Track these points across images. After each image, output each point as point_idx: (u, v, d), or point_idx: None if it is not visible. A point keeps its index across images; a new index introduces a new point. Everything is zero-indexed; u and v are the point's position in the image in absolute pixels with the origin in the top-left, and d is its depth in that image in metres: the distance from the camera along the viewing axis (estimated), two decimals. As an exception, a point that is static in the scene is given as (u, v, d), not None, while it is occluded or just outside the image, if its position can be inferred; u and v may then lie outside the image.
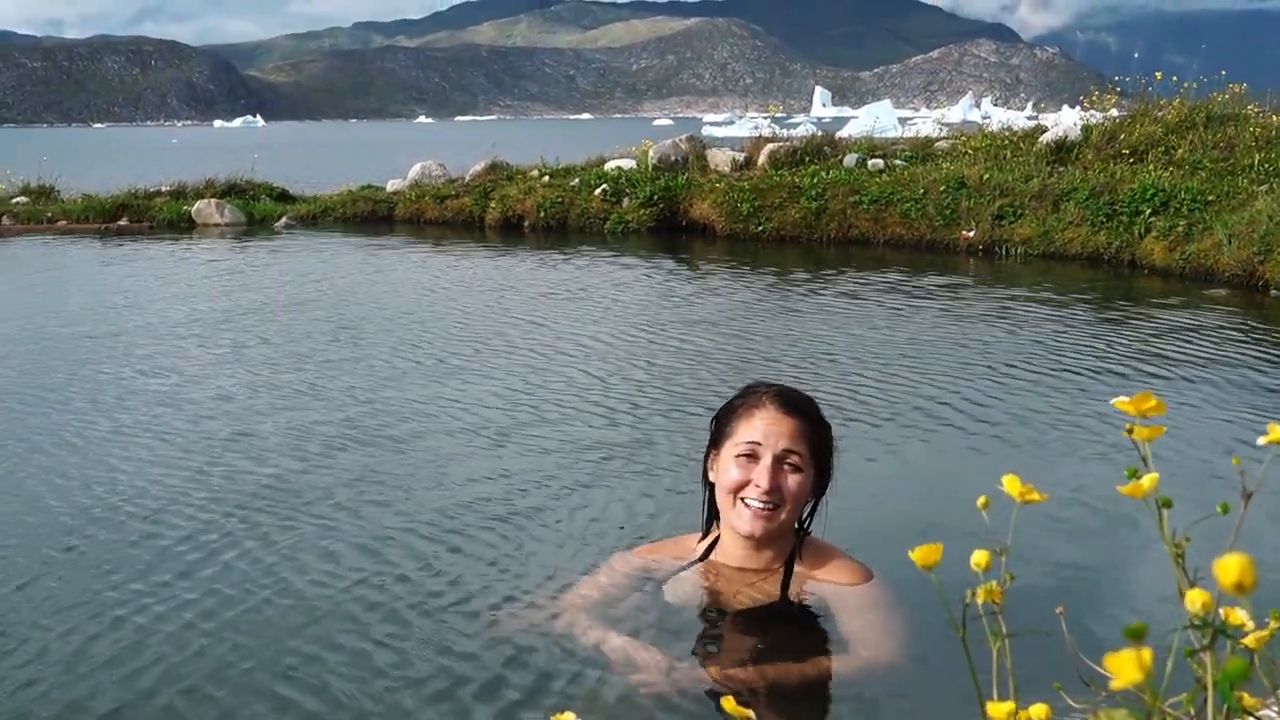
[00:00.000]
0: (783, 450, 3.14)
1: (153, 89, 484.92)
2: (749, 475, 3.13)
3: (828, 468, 3.27)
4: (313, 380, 6.89)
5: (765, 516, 3.13)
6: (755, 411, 3.19)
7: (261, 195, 18.39)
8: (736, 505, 3.16)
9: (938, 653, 2.96)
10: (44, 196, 18.53)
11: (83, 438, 5.68)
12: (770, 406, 3.19)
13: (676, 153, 16.67)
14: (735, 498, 3.16)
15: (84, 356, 7.70)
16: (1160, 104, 15.16)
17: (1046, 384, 6.47)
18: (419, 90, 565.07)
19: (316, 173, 28.28)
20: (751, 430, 3.17)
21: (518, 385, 6.64)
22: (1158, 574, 3.56)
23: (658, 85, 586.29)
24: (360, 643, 3.33)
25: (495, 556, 3.97)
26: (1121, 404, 1.13)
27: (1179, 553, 1.05)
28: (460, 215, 16.45)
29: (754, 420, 3.18)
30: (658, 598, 3.29)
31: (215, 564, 3.97)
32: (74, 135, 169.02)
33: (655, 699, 2.83)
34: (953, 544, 1.21)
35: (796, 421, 3.18)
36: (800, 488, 3.15)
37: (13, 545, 4.20)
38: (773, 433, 3.15)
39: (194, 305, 9.72)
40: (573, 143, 26.08)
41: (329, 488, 4.82)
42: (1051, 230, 12.29)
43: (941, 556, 1.17)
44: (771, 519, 3.14)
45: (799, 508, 3.20)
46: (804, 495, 3.18)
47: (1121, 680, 0.78)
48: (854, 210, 13.80)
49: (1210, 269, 10.46)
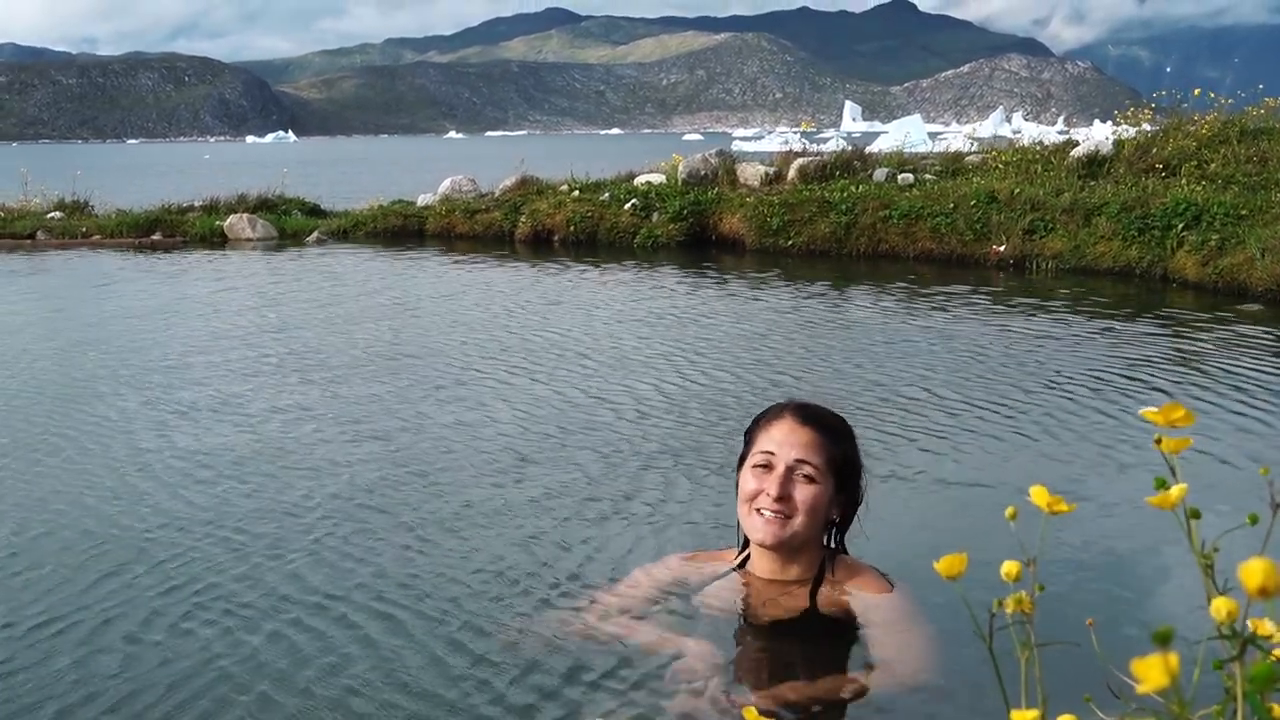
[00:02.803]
0: (795, 460, 3.15)
1: (186, 105, 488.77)
2: (762, 485, 3.16)
3: (852, 482, 3.27)
4: (350, 392, 6.92)
5: (776, 524, 3.15)
6: (774, 423, 3.24)
7: (293, 210, 18.51)
8: (751, 514, 3.20)
9: (968, 668, 2.95)
10: (78, 211, 18.70)
11: (111, 452, 5.73)
12: (788, 418, 3.23)
13: (706, 167, 16.69)
14: (750, 506, 3.20)
15: (124, 371, 7.77)
16: (1193, 118, 15.08)
17: (1079, 397, 6.43)
18: (449, 106, 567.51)
19: (347, 188, 28.46)
20: (768, 441, 3.21)
21: (550, 397, 6.66)
22: (1192, 585, 3.54)
23: (688, 100, 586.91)
24: (393, 640, 3.37)
25: (528, 565, 3.98)
26: (1150, 414, 1.13)
27: (1208, 563, 1.04)
28: (490, 230, 16.50)
29: (771, 431, 3.23)
30: (688, 607, 3.31)
31: (258, 572, 3.99)
32: (108, 151, 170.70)
33: (690, 694, 2.84)
34: (988, 556, 1.21)
35: (812, 432, 3.19)
36: (814, 499, 3.15)
37: (78, 553, 4.26)
38: (787, 442, 3.18)
39: (233, 319, 9.79)
40: (603, 157, 26.14)
41: (372, 490, 4.85)
42: (1083, 245, 12.22)
43: (966, 567, 1.18)
44: (783, 527, 3.15)
45: (816, 520, 3.19)
46: (820, 507, 3.17)
47: (1148, 685, 0.77)
48: (884, 225, 13.77)
49: (1243, 284, 10.38)
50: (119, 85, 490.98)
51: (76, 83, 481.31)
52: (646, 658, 3.08)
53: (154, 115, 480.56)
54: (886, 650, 3.06)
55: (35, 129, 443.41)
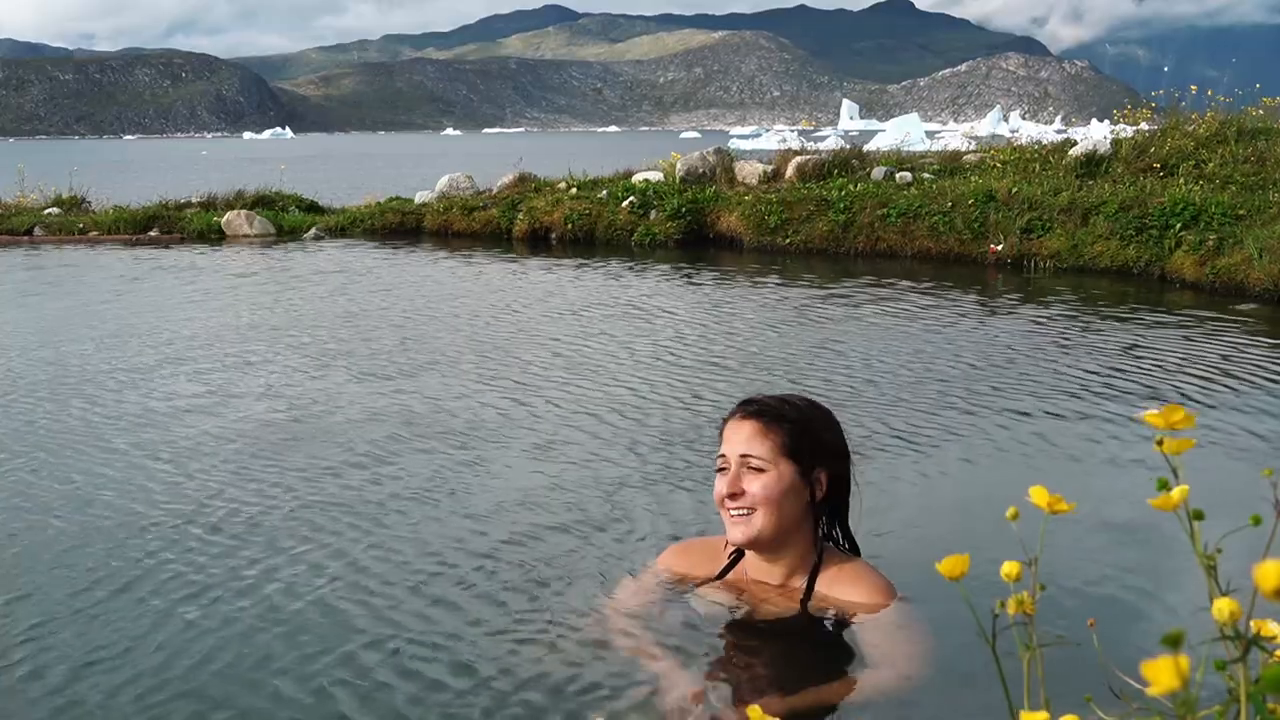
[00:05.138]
0: (740, 455, 3.17)
1: (183, 101, 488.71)
2: (721, 486, 3.19)
3: (817, 463, 3.20)
4: (354, 390, 6.92)
5: (741, 522, 3.16)
6: (726, 425, 3.26)
7: (291, 206, 18.47)
8: (724, 516, 3.22)
9: (962, 668, 2.95)
10: (75, 208, 18.68)
11: (119, 446, 5.73)
12: (734, 416, 3.25)
13: (704, 165, 16.68)
14: (723, 510, 3.22)
15: (133, 363, 7.77)
16: (1191, 118, 15.09)
17: (1077, 397, 6.43)
18: (447, 103, 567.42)
19: (345, 184, 28.45)
20: (722, 443, 3.24)
21: (550, 395, 6.64)
22: (1194, 587, 3.55)
23: (685, 98, 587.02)
24: (394, 641, 3.36)
25: (523, 567, 3.97)
26: (1151, 417, 1.12)
27: (1211, 565, 1.04)
28: (488, 227, 16.49)
29: (724, 433, 3.25)
30: (682, 611, 3.30)
31: (270, 570, 3.99)
32: (105, 147, 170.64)
33: (676, 713, 2.82)
34: (987, 557, 1.21)
35: (753, 423, 3.18)
36: (768, 488, 3.13)
37: (90, 550, 4.26)
38: (732, 440, 3.19)
39: (232, 315, 9.79)
40: (600, 155, 26.14)
41: (377, 497, 4.85)
42: (1080, 244, 12.22)
43: (968, 568, 1.17)
44: (748, 524, 3.15)
45: (779, 510, 3.14)
46: (776, 495, 3.13)
47: (1158, 687, 0.77)
48: (882, 223, 13.76)
49: (1241, 283, 10.39)
50: (116, 81, 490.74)
51: (74, 79, 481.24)
52: (636, 665, 3.05)
53: (151, 111, 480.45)
54: (881, 652, 3.04)
55: (32, 125, 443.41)
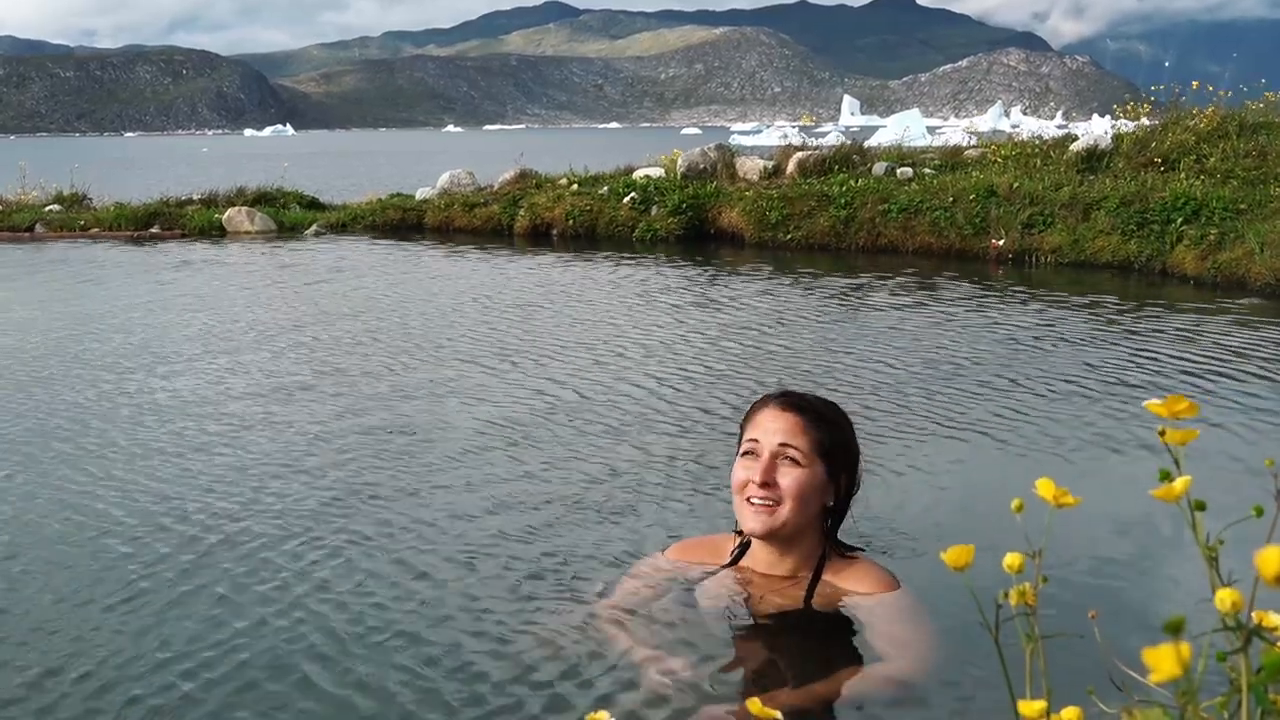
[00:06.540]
0: (779, 445, 3.14)
1: (184, 98, 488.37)
2: (750, 473, 3.16)
3: (843, 468, 3.23)
4: (354, 388, 6.93)
5: (766, 511, 3.13)
6: (760, 412, 3.24)
7: (292, 203, 18.45)
8: (742, 504, 3.19)
9: (967, 662, 2.95)
10: (76, 205, 18.66)
11: (114, 445, 5.74)
12: (772, 406, 3.24)
13: (705, 161, 16.68)
14: (741, 497, 3.19)
15: (123, 360, 7.77)
16: (1192, 113, 15.08)
17: (1080, 391, 6.43)
18: (448, 99, 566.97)
19: (346, 181, 28.45)
20: (754, 429, 3.22)
21: (550, 391, 6.64)
22: (1196, 578, 3.55)
23: (686, 94, 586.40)
24: (390, 640, 3.36)
25: (530, 559, 3.97)
26: (1154, 406, 1.13)
27: (1213, 555, 1.04)
28: (489, 223, 16.48)
29: (756, 419, 3.23)
30: (686, 602, 3.29)
31: (273, 568, 4.00)
32: (106, 144, 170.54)
33: (679, 695, 2.83)
34: (991, 549, 1.21)
35: (795, 417, 3.18)
36: (801, 484, 3.13)
37: (94, 551, 4.26)
38: (770, 428, 3.17)
39: (231, 312, 9.79)
40: (601, 151, 26.14)
41: (377, 494, 4.85)
42: (1082, 239, 12.22)
43: (973, 558, 1.17)
44: (772, 514, 3.13)
45: (805, 506, 3.15)
46: (808, 492, 3.14)
47: (1160, 675, 0.77)
48: (883, 219, 13.75)
49: (1242, 278, 10.39)
50: (117, 78, 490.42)
51: (74, 76, 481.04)
52: (638, 659, 3.04)
53: (152, 109, 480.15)
54: (885, 642, 3.04)
55: (33, 122, 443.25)
